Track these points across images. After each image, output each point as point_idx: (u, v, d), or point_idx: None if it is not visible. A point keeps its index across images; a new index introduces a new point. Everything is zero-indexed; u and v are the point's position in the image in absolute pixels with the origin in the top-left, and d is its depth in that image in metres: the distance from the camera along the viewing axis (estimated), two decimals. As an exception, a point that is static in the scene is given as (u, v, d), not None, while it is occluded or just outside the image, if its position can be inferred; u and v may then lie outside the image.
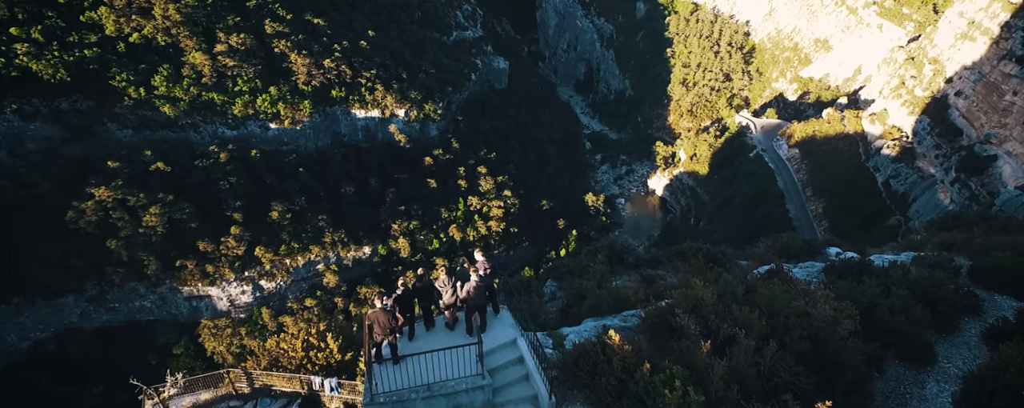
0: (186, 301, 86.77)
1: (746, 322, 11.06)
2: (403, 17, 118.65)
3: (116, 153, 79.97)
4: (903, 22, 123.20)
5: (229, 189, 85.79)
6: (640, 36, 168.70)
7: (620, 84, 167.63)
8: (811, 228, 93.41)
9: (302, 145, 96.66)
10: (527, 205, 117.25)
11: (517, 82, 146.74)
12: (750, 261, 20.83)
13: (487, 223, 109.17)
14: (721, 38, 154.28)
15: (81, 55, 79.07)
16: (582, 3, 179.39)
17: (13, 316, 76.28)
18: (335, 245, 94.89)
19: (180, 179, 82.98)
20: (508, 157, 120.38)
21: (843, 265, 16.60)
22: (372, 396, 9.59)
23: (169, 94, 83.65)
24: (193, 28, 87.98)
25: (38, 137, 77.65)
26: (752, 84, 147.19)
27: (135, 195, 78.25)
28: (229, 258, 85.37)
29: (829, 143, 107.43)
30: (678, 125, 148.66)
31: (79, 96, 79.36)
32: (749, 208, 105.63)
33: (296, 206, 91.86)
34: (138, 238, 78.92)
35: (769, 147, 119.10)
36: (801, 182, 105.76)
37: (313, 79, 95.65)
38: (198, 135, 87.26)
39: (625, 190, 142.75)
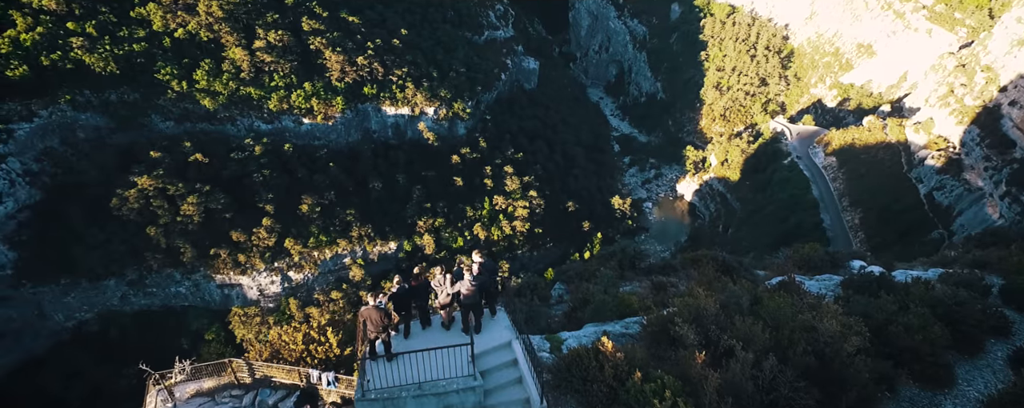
0: (218, 289, 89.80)
1: (748, 334, 10.83)
2: (436, 16, 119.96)
3: (158, 144, 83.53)
4: (954, 27, 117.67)
5: (262, 181, 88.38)
6: (674, 38, 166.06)
7: (651, 86, 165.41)
8: (846, 239, 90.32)
9: (333, 140, 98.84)
10: (552, 206, 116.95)
11: (547, 82, 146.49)
12: (768, 271, 20.31)
13: (512, 223, 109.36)
14: (758, 41, 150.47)
15: (130, 49, 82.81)
16: (616, 4, 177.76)
17: (60, 296, 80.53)
18: (362, 239, 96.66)
19: (216, 170, 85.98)
20: (535, 157, 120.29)
21: (861, 279, 16.04)
22: (364, 392, 9.76)
23: (209, 88, 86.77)
24: (234, 24, 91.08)
25: (88, 127, 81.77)
26: (789, 89, 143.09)
27: (174, 184, 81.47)
28: (260, 248, 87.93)
29: (869, 152, 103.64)
30: (710, 129, 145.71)
31: (127, 88, 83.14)
32: (781, 216, 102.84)
33: (325, 200, 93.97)
34: (176, 226, 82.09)
35: (804, 154, 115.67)
36: (837, 191, 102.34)
37: (346, 76, 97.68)
38: (235, 128, 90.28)
39: (653, 194, 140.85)
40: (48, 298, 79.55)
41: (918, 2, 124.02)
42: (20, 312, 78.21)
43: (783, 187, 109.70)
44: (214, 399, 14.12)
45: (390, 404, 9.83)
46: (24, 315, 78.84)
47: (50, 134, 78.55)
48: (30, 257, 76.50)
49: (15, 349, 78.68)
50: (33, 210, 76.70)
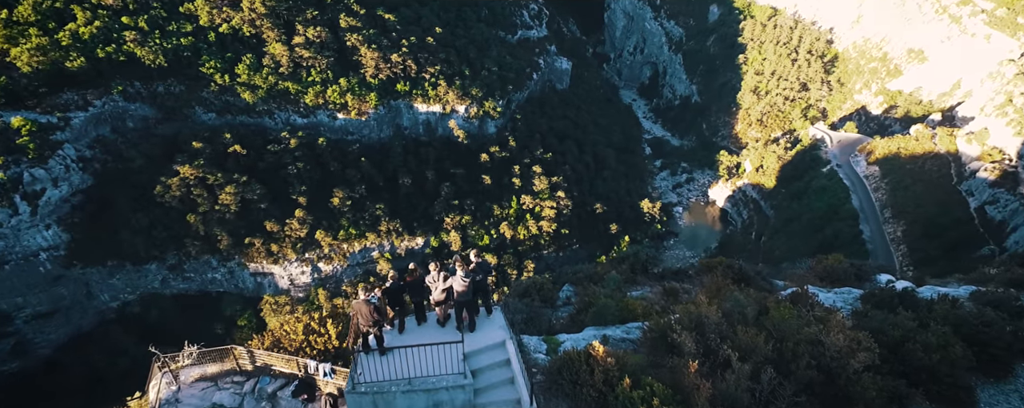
0: (252, 277, 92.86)
1: (750, 345, 10.55)
2: (470, 15, 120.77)
3: (200, 134, 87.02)
4: (1016, 32, 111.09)
5: (296, 174, 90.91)
6: (711, 40, 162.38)
7: (686, 89, 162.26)
8: (887, 252, 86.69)
9: (366, 135, 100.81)
10: (580, 207, 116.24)
11: (579, 83, 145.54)
12: (787, 281, 19.71)
13: (538, 222, 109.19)
14: (800, 45, 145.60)
15: (177, 43, 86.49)
16: (652, 5, 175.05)
17: (106, 277, 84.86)
18: (390, 234, 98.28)
19: (254, 162, 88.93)
20: (564, 158, 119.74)
21: (882, 294, 15.38)
22: (354, 384, 9.91)
23: (250, 82, 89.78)
24: (275, 20, 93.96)
25: (137, 117, 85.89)
26: (832, 95, 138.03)
27: (214, 174, 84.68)
28: (292, 239, 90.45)
29: (915, 162, 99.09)
30: (745, 135, 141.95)
31: (173, 80, 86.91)
32: (818, 226, 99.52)
33: (356, 194, 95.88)
34: (214, 214, 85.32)
35: (845, 163, 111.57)
36: (879, 202, 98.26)
37: (380, 72, 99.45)
38: (272, 121, 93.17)
39: (684, 198, 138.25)
40: (95, 279, 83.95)
41: (976, 6, 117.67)
42: (71, 291, 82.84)
43: (821, 196, 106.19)
44: (217, 384, 14.67)
45: (379, 398, 9.93)
46: (74, 294, 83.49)
47: (103, 123, 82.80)
48: (82, 239, 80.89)
49: (66, 325, 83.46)
50: (85, 195, 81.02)
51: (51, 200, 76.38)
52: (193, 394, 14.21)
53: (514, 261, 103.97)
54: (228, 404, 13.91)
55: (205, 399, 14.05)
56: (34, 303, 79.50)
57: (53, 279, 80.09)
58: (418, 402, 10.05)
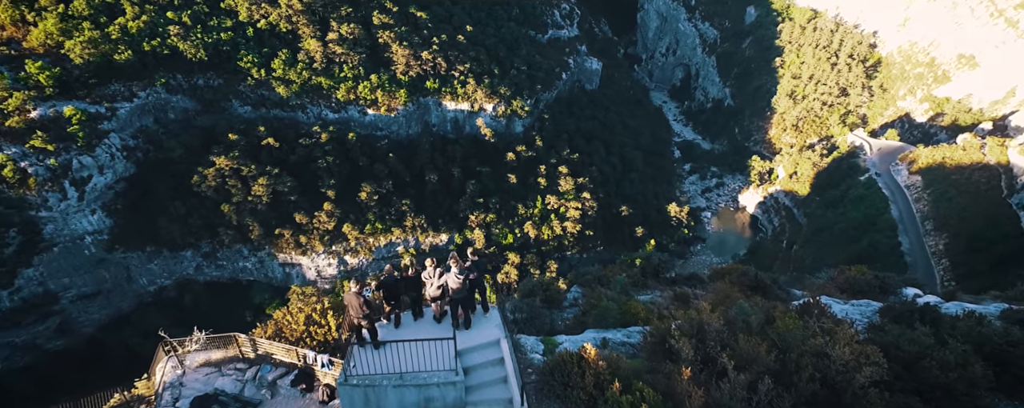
0: (281, 267, 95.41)
1: (751, 354, 10.29)
2: (501, 14, 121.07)
3: (236, 127, 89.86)
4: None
5: (326, 168, 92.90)
6: (747, 43, 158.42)
7: (719, 92, 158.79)
8: (928, 266, 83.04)
9: (394, 132, 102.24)
10: (605, 209, 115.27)
11: (609, 83, 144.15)
12: (806, 291, 19.11)
13: (563, 223, 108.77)
14: (841, 49, 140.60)
15: (218, 38, 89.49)
16: (687, 6, 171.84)
17: (145, 262, 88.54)
18: (415, 229, 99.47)
19: (285, 155, 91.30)
20: (591, 159, 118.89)
21: (902, 307, 14.75)
22: (347, 376, 10.03)
23: (284, 76, 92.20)
24: (311, 17, 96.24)
25: (178, 108, 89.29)
26: (873, 101, 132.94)
27: (248, 166, 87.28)
28: (320, 231, 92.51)
29: (962, 173, 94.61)
30: (779, 140, 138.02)
31: (212, 74, 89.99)
32: (853, 236, 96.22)
33: (383, 189, 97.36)
34: (246, 205, 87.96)
35: (885, 171, 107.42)
36: (920, 213, 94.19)
37: (411, 70, 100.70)
38: (305, 116, 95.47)
39: (712, 203, 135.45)
40: (135, 263, 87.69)
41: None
42: (112, 274, 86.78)
43: (857, 205, 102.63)
44: (220, 370, 15.13)
45: (371, 391, 10.01)
46: (115, 277, 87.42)
47: (146, 114, 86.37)
48: (123, 225, 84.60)
49: (107, 307, 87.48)
50: (128, 182, 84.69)
51: (97, 186, 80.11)
52: (197, 379, 14.72)
53: (537, 261, 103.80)
54: (230, 390, 14.36)
55: (208, 384, 14.54)
56: (79, 284, 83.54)
57: (96, 262, 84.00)
58: (409, 397, 10.08)
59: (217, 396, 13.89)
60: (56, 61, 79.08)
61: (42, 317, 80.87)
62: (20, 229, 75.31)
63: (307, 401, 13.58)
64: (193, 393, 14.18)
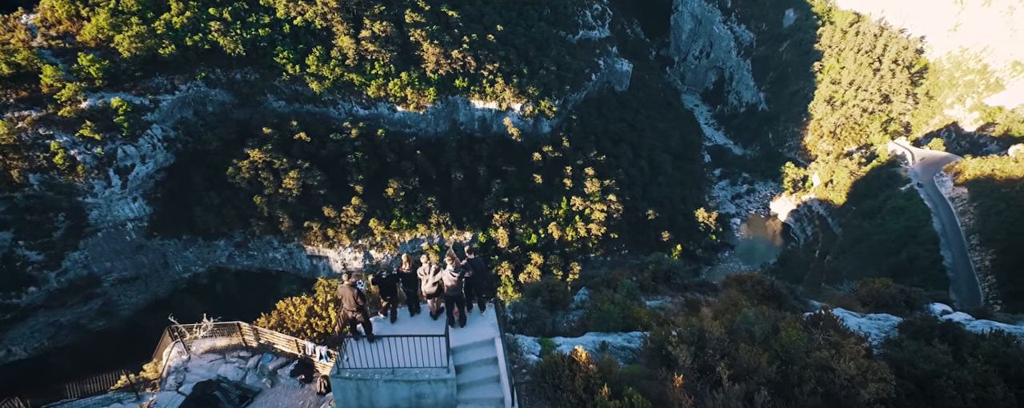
0: (308, 259, 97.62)
1: (751, 364, 10.01)
2: (532, 14, 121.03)
3: (270, 121, 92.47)
4: None
5: (355, 163, 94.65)
6: (784, 47, 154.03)
7: (753, 97, 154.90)
8: (971, 282, 79.17)
9: (422, 129, 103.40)
10: (631, 212, 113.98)
11: (639, 86, 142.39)
12: (826, 302, 18.46)
13: (587, 225, 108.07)
14: (885, 54, 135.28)
15: (255, 33, 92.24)
16: (723, 8, 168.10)
17: (181, 250, 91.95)
18: (439, 227, 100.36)
19: (316, 149, 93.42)
20: (618, 161, 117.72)
21: (922, 323, 14.10)
22: (339, 369, 10.16)
23: (318, 72, 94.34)
24: (345, 15, 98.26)
25: (216, 102, 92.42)
26: (917, 109, 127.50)
27: (280, 159, 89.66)
28: (347, 225, 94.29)
29: (1012, 186, 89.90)
30: (815, 147, 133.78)
31: (249, 69, 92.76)
32: (891, 249, 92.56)
33: (410, 185, 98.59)
34: (277, 197, 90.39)
35: (928, 182, 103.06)
36: (965, 227, 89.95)
37: (440, 68, 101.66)
38: (336, 111, 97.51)
39: (743, 210, 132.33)
40: (172, 250, 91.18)
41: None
42: (150, 260, 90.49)
43: (897, 216, 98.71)
44: (224, 357, 15.59)
45: (363, 385, 10.11)
46: (153, 263, 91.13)
47: (186, 106, 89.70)
48: (162, 212, 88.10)
49: (144, 291, 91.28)
50: (167, 172, 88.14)
51: (139, 175, 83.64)
52: (201, 365, 15.21)
53: (560, 262, 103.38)
54: (232, 377, 14.79)
55: (211, 370, 15.01)
56: (120, 268, 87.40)
57: (136, 248, 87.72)
58: (400, 392, 10.14)
59: (219, 383, 14.35)
60: (106, 54, 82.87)
61: (85, 299, 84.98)
62: (68, 214, 79.34)
63: (305, 392, 13.90)
64: (197, 378, 14.68)
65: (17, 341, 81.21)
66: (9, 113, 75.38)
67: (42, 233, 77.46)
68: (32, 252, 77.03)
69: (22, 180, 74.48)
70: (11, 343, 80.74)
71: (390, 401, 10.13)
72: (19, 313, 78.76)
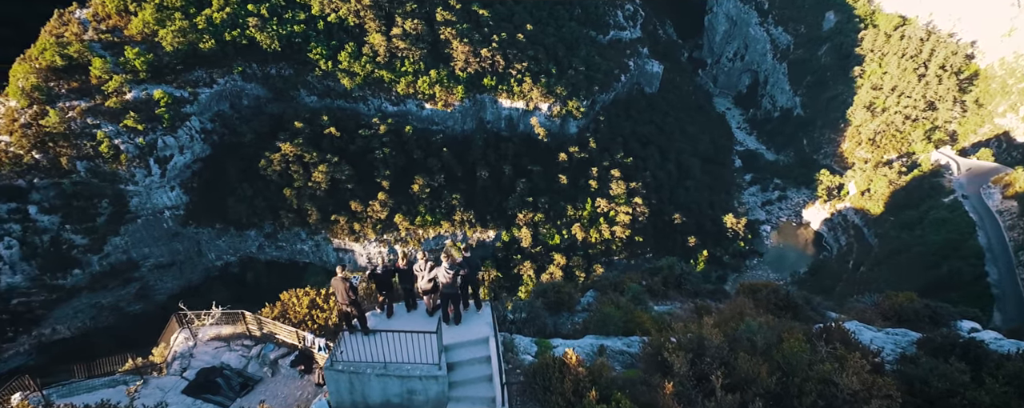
0: (335, 251, 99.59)
1: (749, 374, 9.75)
2: (562, 13, 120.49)
3: (302, 115, 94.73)
4: None
5: (382, 159, 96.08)
6: (823, 50, 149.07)
7: (789, 101, 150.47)
8: (1018, 300, 75.22)
9: (449, 127, 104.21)
10: (657, 216, 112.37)
11: (669, 87, 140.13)
12: (845, 314, 17.83)
13: (612, 227, 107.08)
14: (932, 59, 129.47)
15: (291, 30, 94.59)
16: (759, 10, 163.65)
17: (214, 239, 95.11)
18: (463, 224, 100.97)
19: (345, 144, 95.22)
20: (645, 163, 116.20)
21: (942, 340, 13.46)
22: (333, 361, 10.31)
23: (349, 69, 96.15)
24: (378, 12, 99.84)
25: (251, 95, 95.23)
26: (966, 117, 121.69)
27: (310, 153, 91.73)
28: (373, 220, 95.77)
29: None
30: (853, 154, 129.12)
31: (284, 64, 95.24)
32: (932, 262, 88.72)
33: (435, 182, 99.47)
34: (306, 190, 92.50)
35: (974, 194, 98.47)
36: (1013, 242, 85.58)
37: (469, 66, 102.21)
38: (366, 107, 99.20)
39: (773, 217, 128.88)
40: (205, 239, 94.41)
41: None
42: (185, 247, 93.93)
43: (938, 228, 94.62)
44: (229, 345, 16.06)
45: (355, 378, 10.22)
46: (188, 250, 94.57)
47: (223, 99, 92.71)
48: (197, 202, 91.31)
49: (179, 277, 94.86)
50: (203, 163, 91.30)
51: (177, 165, 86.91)
52: (206, 351, 15.71)
53: (583, 264, 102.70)
54: (234, 365, 15.24)
55: (216, 357, 15.48)
56: (157, 255, 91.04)
57: (172, 235, 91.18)
58: (392, 387, 10.22)
59: (222, 370, 14.82)
60: (150, 48, 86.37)
61: (124, 282, 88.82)
62: (111, 200, 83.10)
63: (304, 382, 14.22)
64: (201, 364, 15.19)
65: (62, 320, 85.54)
66: (61, 103, 79.45)
67: (87, 218, 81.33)
68: (77, 236, 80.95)
69: (70, 167, 78.38)
70: (56, 322, 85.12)
71: (382, 395, 10.25)
72: (64, 294, 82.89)
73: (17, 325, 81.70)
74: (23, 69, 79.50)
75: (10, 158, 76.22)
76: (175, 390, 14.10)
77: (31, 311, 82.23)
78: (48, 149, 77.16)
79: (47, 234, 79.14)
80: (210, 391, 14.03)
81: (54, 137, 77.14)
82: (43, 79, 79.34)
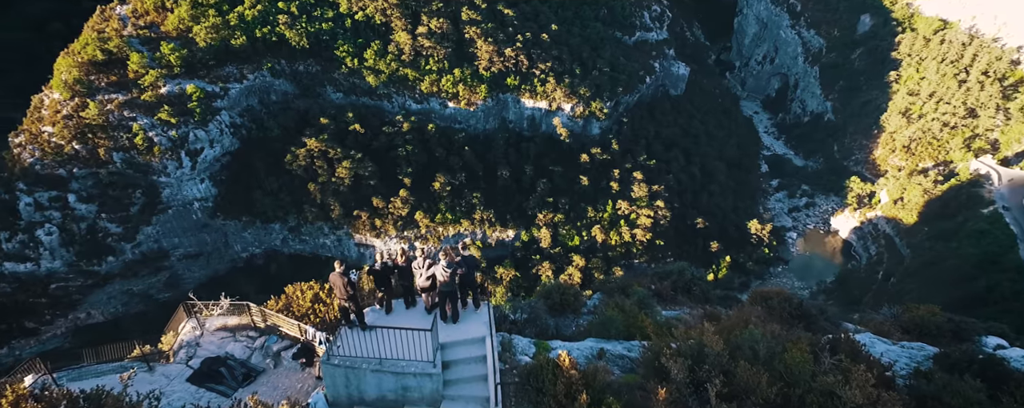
0: (356, 246, 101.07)
1: (749, 384, 9.53)
2: (588, 13, 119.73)
3: (328, 112, 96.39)
4: None
5: (405, 156, 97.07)
6: (857, 54, 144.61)
7: (819, 105, 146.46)
8: (1062, 317, 71.79)
9: (472, 125, 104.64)
10: (679, 220, 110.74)
11: (695, 90, 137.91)
12: (861, 327, 17.26)
13: (633, 230, 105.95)
14: (973, 64, 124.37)
15: (319, 27, 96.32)
16: (792, 12, 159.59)
17: (240, 231, 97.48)
18: (483, 223, 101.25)
19: (369, 141, 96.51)
20: (669, 166, 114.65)
21: (960, 355, 12.91)
22: (330, 355, 10.44)
23: (375, 67, 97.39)
24: (404, 11, 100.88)
25: (279, 91, 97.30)
26: (1009, 125, 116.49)
27: (335, 149, 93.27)
28: (394, 216, 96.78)
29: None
30: (886, 161, 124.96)
31: (312, 61, 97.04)
32: (968, 275, 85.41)
33: (456, 181, 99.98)
34: (330, 185, 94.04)
35: (1016, 205, 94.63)
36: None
37: (493, 66, 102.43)
38: (390, 105, 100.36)
39: (800, 224, 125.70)
40: (232, 230, 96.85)
41: None
42: (213, 238, 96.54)
43: (976, 240, 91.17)
44: (235, 336, 16.46)
45: (351, 373, 10.34)
46: (215, 241, 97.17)
47: (252, 95, 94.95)
48: (225, 194, 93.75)
49: (206, 267, 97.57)
50: (232, 156, 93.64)
51: (207, 158, 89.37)
52: (212, 341, 16.12)
53: (603, 266, 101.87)
54: (239, 355, 15.60)
55: (221, 347, 15.88)
56: (186, 245, 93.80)
57: (201, 226, 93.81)
58: (387, 383, 10.31)
59: (226, 360, 15.20)
60: (184, 44, 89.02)
61: (155, 271, 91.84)
62: (144, 191, 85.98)
63: (305, 375, 14.50)
64: (206, 354, 15.61)
65: (96, 305, 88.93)
66: (100, 95, 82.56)
67: (121, 208, 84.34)
68: (112, 224, 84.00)
69: (107, 158, 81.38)
70: (90, 306, 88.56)
71: (377, 391, 10.36)
72: (99, 280, 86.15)
73: (55, 309, 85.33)
74: (66, 63, 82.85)
75: (52, 148, 79.55)
76: (180, 378, 14.55)
77: (68, 296, 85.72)
78: (87, 140, 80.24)
79: (84, 222, 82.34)
80: (214, 380, 14.43)
81: (93, 128, 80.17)
82: (84, 72, 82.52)
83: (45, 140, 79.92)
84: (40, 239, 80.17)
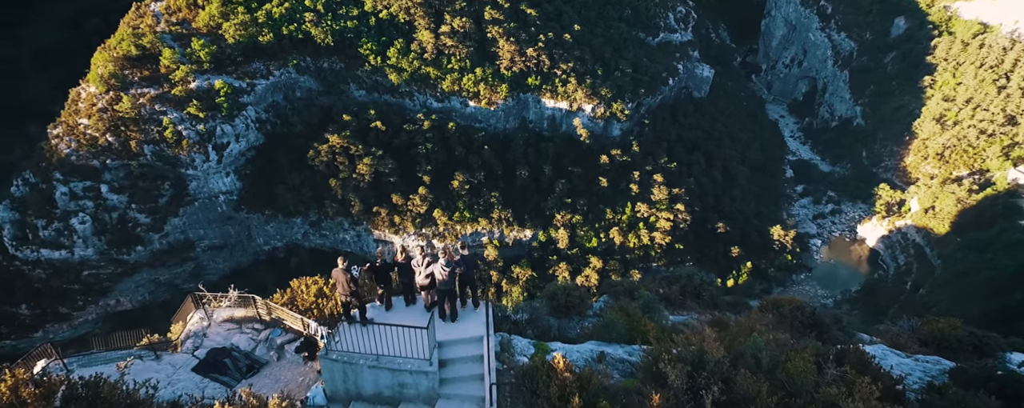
0: (375, 242, 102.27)
1: (749, 392, 9.33)
2: (611, 14, 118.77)
3: (350, 109, 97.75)
4: None
5: (424, 154, 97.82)
6: (890, 58, 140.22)
7: (848, 110, 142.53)
8: (1099, 336, 68.62)
9: (492, 125, 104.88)
10: (699, 224, 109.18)
11: (720, 93, 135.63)
12: (876, 338, 16.74)
13: (651, 233, 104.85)
14: (1015, 70, 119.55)
15: (344, 25, 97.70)
16: (822, 15, 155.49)
17: (263, 224, 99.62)
18: (501, 222, 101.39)
19: (390, 138, 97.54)
20: (690, 170, 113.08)
21: (977, 370, 12.41)
22: (328, 350, 10.56)
23: (397, 65, 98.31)
24: (427, 9, 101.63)
25: (303, 88, 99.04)
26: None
27: (356, 145, 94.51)
28: (412, 214, 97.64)
29: None
30: (917, 169, 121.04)
31: (336, 58, 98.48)
32: (1003, 287, 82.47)
33: (475, 179, 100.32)
34: (351, 181, 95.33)
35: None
36: (1097, 272, 78.28)
37: (514, 65, 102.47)
38: (411, 103, 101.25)
39: (825, 231, 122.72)
40: (255, 224, 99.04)
41: None
42: (236, 231, 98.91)
43: (1013, 252, 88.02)
44: (240, 328, 16.80)
45: (348, 368, 10.44)
46: (238, 234, 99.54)
47: (278, 91, 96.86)
48: (249, 188, 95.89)
49: (229, 259, 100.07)
50: (256, 151, 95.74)
51: (232, 152, 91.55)
52: (219, 332, 16.49)
53: (620, 268, 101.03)
54: (243, 347, 15.93)
55: (227, 339, 16.24)
56: (211, 236, 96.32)
57: (226, 219, 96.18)
58: (383, 380, 10.38)
59: (230, 351, 15.55)
60: (214, 40, 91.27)
61: (181, 261, 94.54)
62: (172, 183, 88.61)
63: (307, 368, 14.73)
64: (212, 344, 16.00)
65: (125, 293, 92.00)
66: (133, 89, 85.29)
67: (150, 199, 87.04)
68: (141, 215, 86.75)
69: (138, 150, 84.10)
70: (120, 294, 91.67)
71: (374, 387, 10.46)
72: (128, 268, 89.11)
73: (87, 295, 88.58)
74: (103, 57, 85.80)
75: (87, 140, 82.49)
76: (185, 367, 14.95)
77: (99, 283, 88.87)
78: (120, 133, 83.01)
79: (115, 212, 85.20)
80: (218, 371, 14.80)
81: (126, 121, 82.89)
82: (119, 67, 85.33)
83: (81, 132, 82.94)
84: (74, 227, 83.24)
